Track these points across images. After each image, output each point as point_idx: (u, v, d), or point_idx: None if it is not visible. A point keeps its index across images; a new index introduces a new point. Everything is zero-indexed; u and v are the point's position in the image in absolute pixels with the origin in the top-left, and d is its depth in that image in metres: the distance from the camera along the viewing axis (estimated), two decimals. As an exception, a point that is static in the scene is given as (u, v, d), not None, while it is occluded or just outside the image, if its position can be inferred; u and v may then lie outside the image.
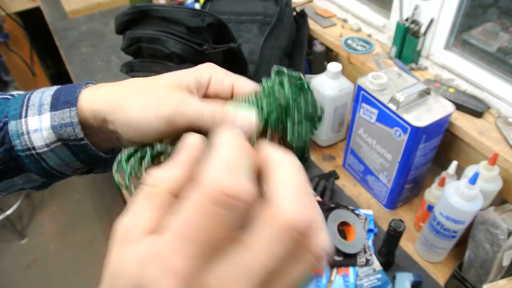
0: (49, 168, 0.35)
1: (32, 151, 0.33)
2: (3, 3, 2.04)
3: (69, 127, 0.32)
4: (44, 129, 0.32)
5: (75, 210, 2.22)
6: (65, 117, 0.32)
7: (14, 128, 0.32)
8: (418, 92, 0.77)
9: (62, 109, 0.33)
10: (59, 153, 0.34)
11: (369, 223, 0.86)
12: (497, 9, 0.86)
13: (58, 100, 0.33)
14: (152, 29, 0.82)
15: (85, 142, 0.33)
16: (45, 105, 0.33)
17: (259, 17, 1.05)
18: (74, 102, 0.33)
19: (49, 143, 0.33)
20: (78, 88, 0.34)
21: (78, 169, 0.37)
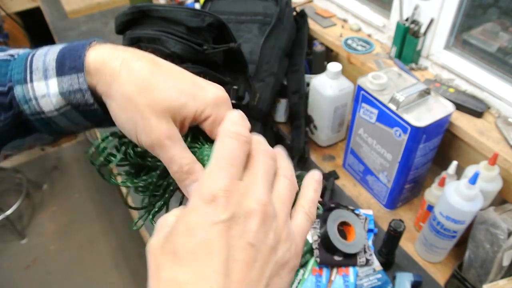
0: (60, 129, 0.35)
1: (41, 115, 0.33)
2: (3, 3, 2.04)
3: (78, 93, 0.32)
4: (53, 95, 0.32)
5: (75, 210, 2.22)
6: (73, 83, 0.32)
7: (21, 94, 0.32)
8: (418, 92, 0.77)
9: (69, 75, 0.32)
10: (69, 116, 0.33)
11: (369, 223, 0.86)
12: (497, 9, 0.86)
13: (63, 64, 0.32)
14: (152, 29, 0.82)
15: (95, 107, 0.33)
16: (50, 70, 0.32)
17: (259, 17, 1.05)
18: (81, 68, 0.32)
19: (59, 107, 0.32)
20: (82, 51, 0.32)
21: (87, 127, 0.37)
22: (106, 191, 2.30)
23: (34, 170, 2.44)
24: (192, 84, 0.32)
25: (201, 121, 0.32)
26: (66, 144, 2.62)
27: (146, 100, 0.30)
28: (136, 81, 0.31)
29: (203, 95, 0.32)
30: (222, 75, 0.86)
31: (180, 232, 0.24)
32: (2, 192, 2.29)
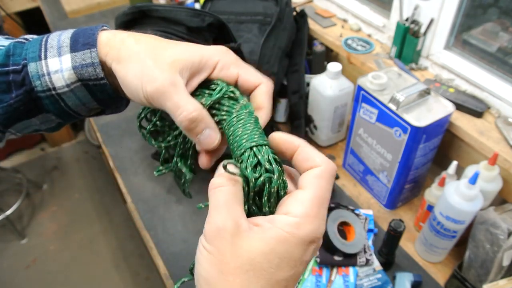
0: (67, 108, 0.36)
1: (52, 91, 0.34)
2: (3, 3, 2.04)
3: (90, 67, 0.34)
4: (65, 70, 0.34)
5: (75, 210, 2.22)
6: (86, 58, 0.34)
7: (35, 70, 0.34)
8: (418, 92, 0.77)
9: (83, 50, 0.34)
10: (78, 93, 0.35)
11: (369, 223, 0.86)
12: (497, 9, 0.86)
13: (77, 42, 0.34)
14: (152, 29, 0.82)
15: (105, 82, 0.35)
16: (64, 47, 0.34)
17: (259, 17, 1.05)
18: (94, 44, 0.34)
19: (70, 83, 0.34)
20: (95, 30, 0.35)
21: (93, 109, 0.38)
22: (106, 191, 2.30)
23: (34, 170, 2.44)
24: (193, 45, 0.35)
25: (209, 70, 0.34)
26: (66, 144, 2.62)
27: (151, 56, 0.33)
28: (142, 43, 0.34)
29: (205, 48, 0.35)
30: (222, 75, 0.86)
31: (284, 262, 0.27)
32: (2, 192, 2.29)
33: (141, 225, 0.92)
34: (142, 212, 0.94)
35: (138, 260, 1.97)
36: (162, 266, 0.83)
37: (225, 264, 0.26)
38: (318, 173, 0.29)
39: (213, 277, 0.27)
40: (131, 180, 1.02)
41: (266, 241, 0.27)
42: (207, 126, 0.33)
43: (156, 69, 0.32)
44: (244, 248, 0.27)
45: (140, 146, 1.11)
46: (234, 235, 0.27)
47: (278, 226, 0.27)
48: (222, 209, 0.28)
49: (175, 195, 0.97)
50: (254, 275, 0.26)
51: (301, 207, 0.28)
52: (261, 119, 0.34)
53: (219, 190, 0.29)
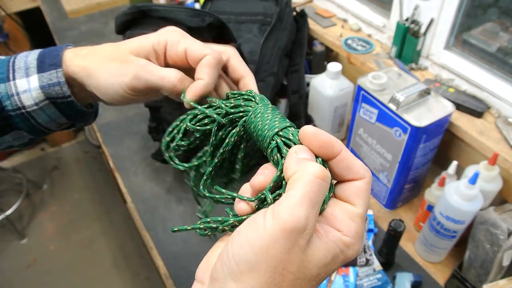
0: (37, 125, 0.38)
1: (22, 110, 0.36)
2: (3, 3, 2.04)
3: (56, 86, 0.36)
4: (33, 90, 0.36)
5: (75, 210, 2.22)
6: (52, 78, 0.36)
7: (4, 91, 0.36)
8: (418, 92, 0.77)
9: (49, 71, 0.36)
10: (47, 111, 0.37)
11: (369, 223, 0.86)
12: (497, 9, 0.86)
13: (43, 63, 0.37)
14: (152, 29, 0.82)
15: (71, 99, 0.37)
16: (31, 68, 0.36)
17: (259, 17, 1.05)
18: (59, 64, 0.36)
19: (38, 102, 0.36)
20: (60, 51, 0.37)
21: (63, 124, 0.41)
22: (106, 191, 2.30)
23: (34, 170, 2.44)
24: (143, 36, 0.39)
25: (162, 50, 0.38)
26: (66, 144, 2.62)
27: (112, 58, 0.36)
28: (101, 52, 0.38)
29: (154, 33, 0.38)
30: (222, 75, 0.86)
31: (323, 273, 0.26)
32: (2, 192, 2.29)
33: (141, 225, 0.92)
34: (142, 212, 0.94)
35: (138, 260, 1.97)
36: (162, 266, 0.83)
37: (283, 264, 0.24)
38: (365, 187, 0.27)
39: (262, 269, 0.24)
40: (131, 180, 1.02)
41: (325, 255, 0.26)
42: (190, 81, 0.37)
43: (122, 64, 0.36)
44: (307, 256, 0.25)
45: (140, 146, 1.11)
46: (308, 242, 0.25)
47: (334, 241, 0.26)
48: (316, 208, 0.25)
49: (175, 195, 0.97)
50: (300, 284, 0.25)
51: (354, 226, 0.27)
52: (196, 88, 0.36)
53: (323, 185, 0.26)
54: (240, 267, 0.24)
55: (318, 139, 0.28)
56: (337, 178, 0.29)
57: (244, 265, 0.24)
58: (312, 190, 0.25)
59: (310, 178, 0.25)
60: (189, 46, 0.38)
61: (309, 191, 0.25)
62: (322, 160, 0.28)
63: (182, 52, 0.38)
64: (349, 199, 0.27)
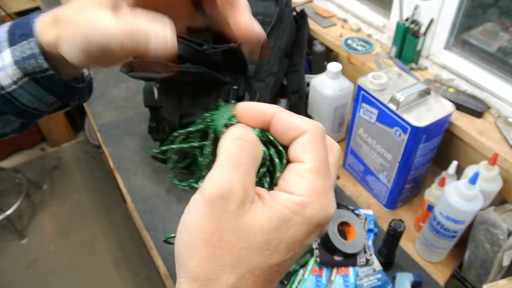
0: (23, 106, 0.34)
1: (1, 91, 0.32)
2: (3, 3, 2.04)
3: (31, 59, 0.31)
4: (8, 66, 0.31)
5: (75, 210, 2.22)
6: (25, 50, 0.31)
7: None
8: (418, 92, 0.77)
9: (20, 42, 0.31)
10: (29, 89, 0.32)
11: (369, 223, 0.86)
12: (497, 9, 0.86)
13: (13, 34, 0.31)
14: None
15: (51, 73, 0.32)
16: (3, 42, 0.32)
17: (259, 17, 1.05)
18: (30, 33, 0.31)
19: (16, 80, 0.32)
20: (31, 19, 0.32)
21: (53, 103, 0.35)
22: (106, 191, 2.30)
23: (34, 170, 2.44)
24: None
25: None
26: (66, 144, 2.61)
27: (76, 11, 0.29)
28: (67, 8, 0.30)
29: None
30: (222, 75, 0.86)
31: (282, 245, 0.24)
32: (2, 192, 2.29)
33: (141, 225, 0.92)
34: (142, 212, 0.94)
35: (138, 260, 1.97)
36: (162, 266, 0.83)
37: (216, 235, 0.23)
38: (309, 139, 0.25)
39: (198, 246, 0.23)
40: (131, 180, 1.02)
41: (269, 218, 0.23)
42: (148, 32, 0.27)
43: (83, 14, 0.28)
44: (244, 222, 0.23)
45: (140, 146, 1.11)
46: (239, 206, 0.23)
47: (282, 203, 0.23)
48: (240, 169, 0.23)
49: (175, 195, 0.97)
50: (247, 255, 0.23)
51: (305, 183, 0.24)
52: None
53: (244, 145, 0.24)
54: (182, 253, 0.24)
55: (248, 111, 0.26)
56: (284, 143, 0.26)
57: (184, 248, 0.24)
58: (231, 153, 0.24)
59: (227, 142, 0.24)
60: None
61: (227, 154, 0.24)
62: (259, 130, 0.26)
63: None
64: (297, 158, 0.25)
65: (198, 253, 0.23)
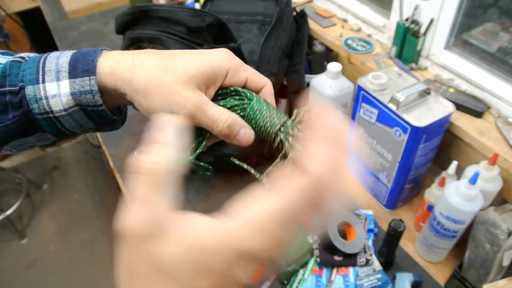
0: (64, 129, 0.36)
1: (50, 114, 0.35)
2: (3, 3, 2.04)
3: (88, 95, 0.34)
4: (63, 95, 0.34)
5: (75, 210, 2.22)
6: (84, 85, 0.34)
7: (32, 93, 0.34)
8: (418, 92, 0.77)
9: (82, 77, 0.34)
10: (76, 117, 0.35)
11: (369, 223, 0.86)
12: (497, 9, 0.86)
13: (76, 68, 0.34)
14: (152, 29, 0.82)
15: (103, 108, 0.35)
16: (63, 72, 0.34)
17: (259, 17, 1.05)
18: (93, 71, 0.34)
19: (67, 108, 0.34)
20: (94, 56, 0.35)
21: (89, 129, 0.39)
22: (106, 191, 2.30)
23: (34, 170, 2.44)
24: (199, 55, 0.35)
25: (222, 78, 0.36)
26: (66, 144, 2.61)
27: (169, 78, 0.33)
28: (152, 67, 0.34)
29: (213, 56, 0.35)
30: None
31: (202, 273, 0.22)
32: (2, 192, 2.29)
33: (141, 225, 0.92)
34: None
35: (138, 260, 1.97)
36: (162, 266, 0.83)
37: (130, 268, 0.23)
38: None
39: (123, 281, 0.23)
40: (131, 180, 1.02)
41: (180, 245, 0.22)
42: (242, 127, 0.35)
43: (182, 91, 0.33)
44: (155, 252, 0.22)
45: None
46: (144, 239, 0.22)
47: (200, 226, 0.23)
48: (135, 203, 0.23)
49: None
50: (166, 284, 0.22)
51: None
52: None
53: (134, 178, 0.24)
54: None
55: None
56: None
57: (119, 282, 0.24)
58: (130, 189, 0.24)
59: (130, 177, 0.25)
60: (250, 75, 0.37)
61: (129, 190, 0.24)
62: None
63: (243, 79, 0.37)
64: None
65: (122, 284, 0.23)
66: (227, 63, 0.36)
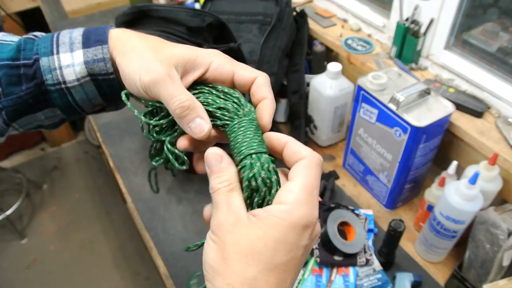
0: (74, 103, 0.38)
1: (62, 85, 0.36)
2: (3, 3, 2.04)
3: (101, 62, 0.36)
4: (77, 65, 0.36)
5: (75, 210, 2.22)
6: (97, 53, 0.36)
7: (46, 64, 0.35)
8: (418, 92, 0.77)
9: (95, 46, 0.36)
10: (86, 88, 0.37)
11: (369, 223, 0.86)
12: (497, 9, 0.86)
13: (89, 39, 0.36)
14: (152, 29, 0.82)
15: (113, 76, 0.37)
16: (77, 43, 0.36)
17: (259, 17, 1.05)
18: (105, 40, 0.36)
19: (80, 77, 0.36)
20: (106, 29, 0.37)
21: (97, 105, 0.40)
22: (106, 191, 2.30)
23: (34, 170, 2.44)
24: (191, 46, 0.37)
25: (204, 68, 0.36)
26: (66, 144, 2.61)
27: (151, 51, 0.35)
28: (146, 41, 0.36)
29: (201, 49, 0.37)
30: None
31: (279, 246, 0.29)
32: (2, 192, 2.29)
33: (141, 225, 0.92)
34: (142, 212, 0.94)
35: (138, 260, 1.97)
36: (162, 266, 0.84)
37: (226, 251, 0.29)
38: (305, 164, 0.32)
39: (217, 263, 0.29)
40: (131, 180, 1.02)
41: (262, 227, 0.29)
42: (198, 115, 0.34)
43: (155, 62, 0.34)
44: (243, 235, 0.29)
45: (140, 146, 1.11)
46: (234, 225, 0.29)
47: (272, 214, 0.30)
48: (222, 206, 0.31)
49: (175, 195, 0.97)
50: (253, 259, 0.28)
51: (291, 195, 0.30)
52: (268, 108, 0.35)
53: (217, 192, 0.32)
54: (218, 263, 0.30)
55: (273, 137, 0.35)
56: (290, 164, 0.33)
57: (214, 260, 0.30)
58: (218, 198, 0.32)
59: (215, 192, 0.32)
60: (238, 68, 0.37)
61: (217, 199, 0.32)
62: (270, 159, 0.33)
63: (229, 72, 0.36)
64: (291, 177, 0.32)
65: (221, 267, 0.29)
66: (211, 57, 0.36)
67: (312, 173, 0.32)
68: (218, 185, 0.32)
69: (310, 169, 0.32)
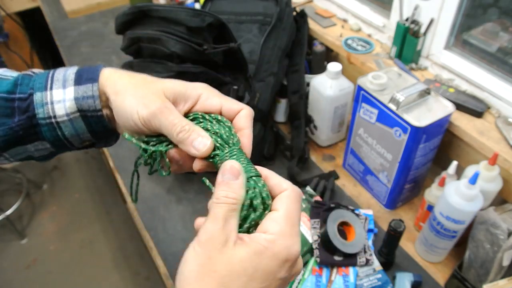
0: (62, 137, 0.39)
1: (52, 119, 0.38)
2: (3, 3, 2.04)
3: (90, 99, 0.38)
4: (68, 100, 0.38)
5: (75, 210, 2.22)
6: (87, 91, 0.38)
7: (39, 99, 0.37)
8: (418, 92, 0.77)
9: (86, 84, 0.38)
10: (75, 123, 0.39)
11: (369, 223, 0.86)
12: (497, 9, 0.86)
13: (81, 77, 0.38)
14: (152, 29, 0.82)
15: (101, 113, 0.39)
16: (69, 81, 0.38)
17: (259, 17, 1.05)
18: (96, 79, 0.38)
19: (70, 113, 0.38)
20: (98, 69, 0.39)
21: (85, 141, 0.42)
22: (106, 191, 2.30)
23: (34, 170, 2.44)
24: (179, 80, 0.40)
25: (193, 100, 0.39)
26: (66, 144, 2.61)
27: (144, 88, 0.38)
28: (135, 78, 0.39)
29: (190, 82, 0.40)
30: (222, 75, 0.86)
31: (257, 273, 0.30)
32: (2, 192, 2.29)
33: (141, 225, 0.92)
34: (142, 212, 0.94)
35: (138, 260, 1.97)
36: (162, 266, 0.84)
37: (207, 268, 0.29)
38: (287, 195, 0.34)
39: (192, 278, 0.29)
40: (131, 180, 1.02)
41: (246, 251, 0.30)
42: (199, 135, 0.37)
43: (150, 96, 0.37)
44: (227, 256, 0.30)
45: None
46: (223, 246, 0.30)
47: (256, 241, 0.31)
48: (219, 221, 0.31)
49: (175, 195, 0.97)
50: (230, 280, 0.29)
51: (276, 225, 0.32)
52: (244, 137, 0.38)
53: (221, 206, 0.32)
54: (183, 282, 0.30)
55: None
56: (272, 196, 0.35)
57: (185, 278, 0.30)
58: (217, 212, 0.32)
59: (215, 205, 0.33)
60: (225, 101, 0.39)
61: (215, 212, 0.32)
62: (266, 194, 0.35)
63: (218, 104, 0.39)
64: (275, 208, 0.34)
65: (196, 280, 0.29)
66: (200, 89, 0.39)
67: (294, 206, 0.33)
68: (224, 199, 0.32)
69: (292, 200, 0.34)
